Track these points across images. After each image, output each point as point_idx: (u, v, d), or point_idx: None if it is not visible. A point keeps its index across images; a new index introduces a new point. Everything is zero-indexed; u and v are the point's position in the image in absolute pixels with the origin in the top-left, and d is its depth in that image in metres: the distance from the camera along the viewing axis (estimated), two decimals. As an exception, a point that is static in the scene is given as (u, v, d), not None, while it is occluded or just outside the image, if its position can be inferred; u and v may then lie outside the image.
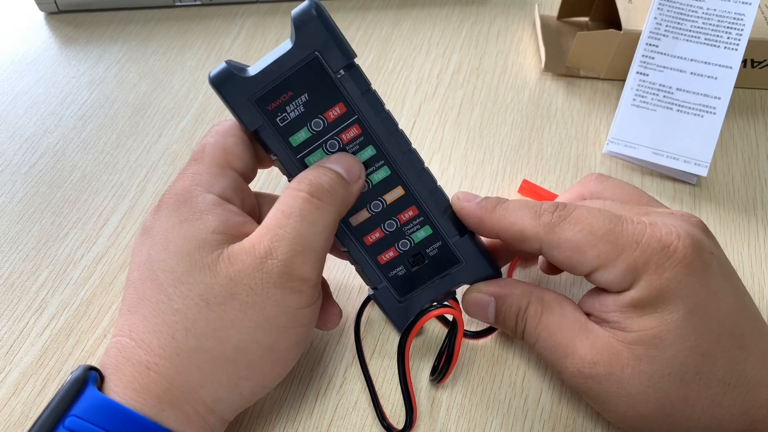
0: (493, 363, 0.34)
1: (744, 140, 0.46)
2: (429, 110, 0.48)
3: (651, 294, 0.26)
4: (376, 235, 0.31)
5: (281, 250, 0.27)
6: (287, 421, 0.32)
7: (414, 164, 0.30)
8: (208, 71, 0.51)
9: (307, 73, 0.28)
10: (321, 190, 0.28)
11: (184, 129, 0.47)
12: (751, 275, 0.39)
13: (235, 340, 0.27)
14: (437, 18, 0.56)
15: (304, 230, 0.27)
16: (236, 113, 0.29)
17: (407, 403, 0.32)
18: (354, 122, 0.29)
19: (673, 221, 0.28)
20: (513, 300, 0.30)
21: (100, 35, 0.54)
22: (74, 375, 0.26)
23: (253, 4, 0.56)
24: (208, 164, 0.29)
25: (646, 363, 0.27)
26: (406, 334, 0.31)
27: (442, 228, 0.31)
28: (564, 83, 0.50)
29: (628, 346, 0.27)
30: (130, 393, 0.26)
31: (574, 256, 0.28)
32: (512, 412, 0.33)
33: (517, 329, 0.31)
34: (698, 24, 0.44)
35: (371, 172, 0.30)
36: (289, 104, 0.29)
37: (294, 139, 0.29)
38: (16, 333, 0.35)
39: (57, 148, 0.45)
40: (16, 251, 0.39)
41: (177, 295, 0.27)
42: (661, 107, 0.44)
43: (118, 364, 0.27)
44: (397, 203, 0.31)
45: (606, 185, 0.33)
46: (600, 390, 0.28)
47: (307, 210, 0.27)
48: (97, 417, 0.25)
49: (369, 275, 0.32)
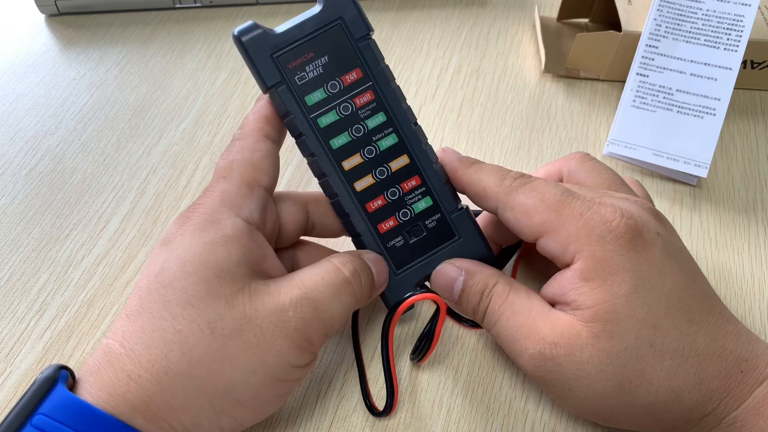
0: (494, 364, 0.34)
1: (744, 141, 0.46)
2: (429, 112, 0.48)
3: (596, 264, 0.28)
4: (378, 202, 0.32)
5: (307, 310, 0.28)
6: (288, 423, 0.32)
7: (420, 136, 0.32)
8: (208, 73, 0.51)
9: (330, 36, 0.30)
10: (359, 281, 0.30)
11: (185, 131, 0.47)
12: (751, 276, 0.39)
13: (228, 376, 0.27)
14: (437, 19, 0.56)
15: (333, 304, 0.29)
16: (255, 67, 0.30)
17: (389, 384, 0.32)
18: (368, 88, 0.31)
19: (622, 203, 0.29)
20: (481, 276, 0.31)
21: (100, 37, 0.54)
22: (44, 373, 0.26)
23: (254, 6, 0.56)
24: (237, 183, 0.30)
25: (604, 340, 0.27)
26: (391, 314, 0.31)
27: (442, 199, 0.32)
28: (564, 84, 0.50)
29: (587, 325, 0.27)
30: (104, 396, 0.26)
31: (523, 219, 0.30)
32: (513, 413, 0.33)
33: (480, 306, 0.31)
34: (698, 25, 0.44)
35: (380, 138, 0.31)
36: (309, 64, 0.30)
37: (310, 98, 0.31)
38: (17, 335, 0.35)
39: (57, 150, 0.45)
40: (17, 253, 0.39)
41: (183, 317, 0.26)
42: (661, 108, 0.44)
43: (100, 367, 0.26)
44: (402, 171, 0.32)
45: (583, 167, 0.34)
46: (560, 373, 0.28)
47: (343, 290, 0.29)
48: (65, 416, 0.25)
49: (367, 244, 0.32)
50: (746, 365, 0.28)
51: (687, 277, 0.29)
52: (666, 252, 0.28)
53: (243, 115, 0.48)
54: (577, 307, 0.28)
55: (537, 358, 0.28)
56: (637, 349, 0.27)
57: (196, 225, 0.28)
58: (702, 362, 0.27)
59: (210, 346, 0.26)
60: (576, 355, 0.27)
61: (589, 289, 0.28)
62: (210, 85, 0.50)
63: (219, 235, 0.28)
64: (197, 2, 0.56)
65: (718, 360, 0.28)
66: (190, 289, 0.27)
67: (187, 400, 0.26)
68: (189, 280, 0.27)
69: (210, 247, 0.28)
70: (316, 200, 0.34)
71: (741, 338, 0.28)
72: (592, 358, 0.27)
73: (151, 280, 0.28)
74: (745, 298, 0.37)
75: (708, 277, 0.38)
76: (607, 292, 0.27)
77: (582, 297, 0.28)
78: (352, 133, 0.31)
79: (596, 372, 0.27)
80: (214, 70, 0.51)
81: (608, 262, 0.28)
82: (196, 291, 0.27)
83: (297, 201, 0.33)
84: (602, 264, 0.28)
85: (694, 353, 0.27)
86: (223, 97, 0.49)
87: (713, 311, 0.29)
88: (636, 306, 0.27)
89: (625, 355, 0.27)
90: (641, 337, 0.27)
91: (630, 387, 0.27)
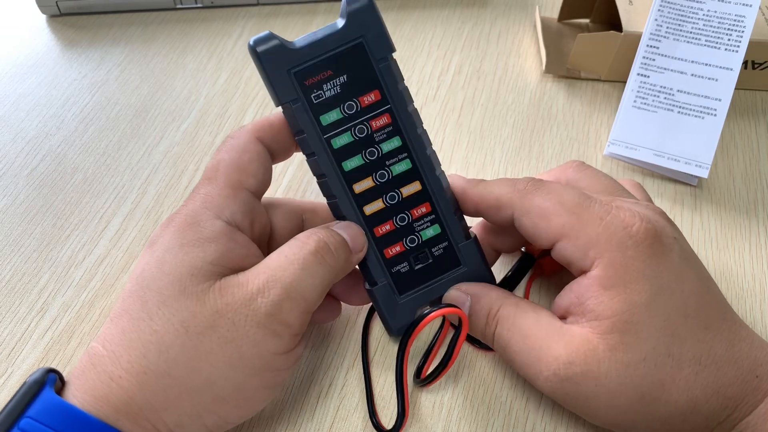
0: (494, 364, 0.34)
1: (745, 142, 0.46)
2: (430, 112, 0.48)
3: (617, 271, 0.27)
4: (386, 227, 0.31)
5: (274, 292, 0.27)
6: (288, 423, 0.32)
7: (434, 162, 0.31)
8: (209, 74, 0.51)
9: (350, 56, 0.29)
10: (326, 249, 0.29)
11: (186, 131, 0.47)
12: (752, 276, 0.39)
13: (205, 373, 0.27)
14: (438, 20, 0.56)
15: (302, 279, 0.28)
16: (270, 82, 0.29)
17: (400, 404, 0.31)
18: (386, 111, 0.30)
19: (637, 208, 0.29)
20: (486, 301, 0.31)
21: (101, 38, 0.54)
22: (33, 377, 0.26)
23: (254, 7, 0.56)
24: (220, 185, 0.29)
25: (621, 351, 0.27)
26: (408, 334, 0.31)
27: (451, 228, 0.32)
28: (565, 85, 0.50)
29: (603, 337, 0.27)
30: (88, 399, 0.26)
31: (541, 223, 0.29)
32: (514, 413, 0.33)
33: (487, 330, 0.30)
34: (699, 26, 0.44)
35: (393, 163, 0.31)
36: (327, 83, 0.29)
37: (325, 118, 0.30)
38: (18, 335, 0.35)
39: (59, 150, 0.45)
40: (18, 253, 0.39)
41: (159, 316, 0.27)
42: (662, 109, 0.44)
43: (84, 370, 0.27)
44: (413, 198, 0.31)
45: (583, 175, 0.34)
46: (578, 392, 0.27)
47: (310, 262, 0.28)
48: (51, 419, 0.25)
49: (372, 269, 0.32)
50: (761, 370, 0.27)
51: (703, 284, 0.28)
52: (684, 257, 0.28)
53: (244, 116, 0.48)
54: (595, 317, 0.27)
55: (552, 381, 0.28)
56: (656, 359, 0.27)
57: (177, 227, 0.28)
58: (720, 369, 0.27)
59: (185, 345, 0.26)
60: (593, 371, 0.27)
61: (608, 298, 0.27)
62: (211, 86, 0.50)
63: (196, 237, 0.28)
64: (198, 3, 0.56)
65: (735, 366, 0.27)
66: (165, 290, 0.27)
67: (167, 400, 0.26)
68: (164, 280, 0.27)
69: (186, 248, 0.28)
70: (313, 210, 0.34)
71: (754, 342, 0.28)
72: (610, 371, 0.27)
73: (133, 282, 0.28)
74: (746, 299, 0.37)
75: (709, 277, 0.38)
76: (626, 301, 0.27)
77: (601, 306, 0.27)
78: (365, 156, 0.31)
79: (615, 386, 0.27)
80: (216, 71, 0.51)
81: (628, 269, 0.27)
82: (170, 291, 0.27)
83: (292, 209, 0.33)
84: (622, 271, 0.27)
85: (712, 361, 0.27)
86: (225, 98, 0.49)
87: (726, 317, 0.28)
88: (654, 315, 0.27)
89: (644, 366, 0.27)
90: (659, 345, 0.27)
91: (650, 398, 0.27)
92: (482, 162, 0.45)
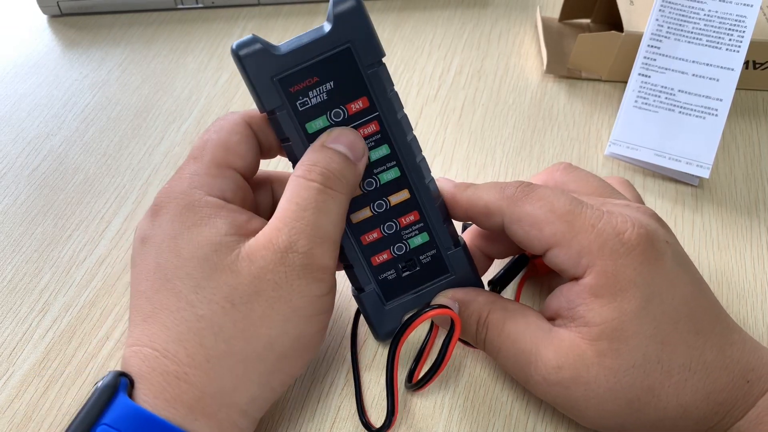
0: (495, 365, 0.34)
1: (746, 142, 0.46)
2: (431, 112, 0.48)
3: (608, 280, 0.27)
4: (374, 235, 0.31)
5: (301, 243, 0.27)
6: (289, 423, 0.32)
7: (423, 171, 0.31)
8: (210, 74, 0.51)
9: (337, 62, 0.28)
10: (333, 179, 0.28)
11: (187, 131, 0.47)
12: (753, 277, 0.38)
13: (264, 337, 0.27)
14: (439, 20, 0.56)
15: (321, 221, 0.27)
16: (255, 89, 0.28)
17: (390, 404, 0.31)
18: (374, 119, 0.29)
19: (629, 212, 0.29)
20: (475, 306, 0.31)
21: (102, 38, 0.54)
22: (105, 381, 0.25)
23: (255, 7, 0.56)
24: (207, 164, 0.29)
25: (610, 358, 0.27)
26: (398, 338, 0.31)
27: (440, 237, 0.31)
28: (566, 85, 0.50)
29: (592, 343, 0.27)
30: (160, 403, 0.25)
31: (533, 231, 0.28)
32: (515, 414, 0.33)
33: (477, 337, 0.30)
34: (700, 26, 0.44)
35: (381, 171, 0.30)
36: (313, 89, 0.28)
37: (311, 125, 0.29)
38: (19, 335, 0.35)
39: (60, 150, 0.45)
40: (19, 253, 0.39)
41: (199, 300, 0.26)
42: (663, 109, 0.44)
43: (144, 374, 0.26)
44: (401, 206, 0.31)
45: (571, 177, 0.33)
46: (568, 396, 0.27)
47: (322, 201, 0.27)
48: (129, 426, 0.24)
49: (359, 275, 0.31)
50: (752, 375, 0.27)
51: (696, 288, 0.28)
52: (676, 262, 0.28)
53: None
54: (584, 323, 0.27)
55: (543, 384, 0.28)
56: (645, 366, 0.27)
57: (172, 213, 0.28)
58: (710, 375, 0.27)
59: (236, 318, 0.26)
60: (582, 376, 0.27)
61: (598, 306, 0.27)
62: (212, 86, 0.50)
63: (198, 216, 0.28)
64: (199, 3, 0.56)
65: (726, 372, 0.27)
66: (195, 273, 0.27)
67: (236, 379, 0.26)
68: (190, 265, 0.27)
69: (195, 229, 0.27)
70: (279, 179, 0.33)
71: (746, 347, 0.28)
72: (598, 377, 0.27)
73: (151, 279, 0.27)
74: (747, 300, 0.37)
75: (709, 278, 0.38)
76: (616, 309, 0.27)
77: (590, 314, 0.27)
78: None
79: (604, 391, 0.27)
80: (216, 71, 0.51)
81: (620, 277, 0.27)
82: (201, 272, 0.27)
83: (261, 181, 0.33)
84: (614, 280, 0.27)
85: (702, 366, 0.27)
86: (225, 98, 0.49)
87: (719, 321, 0.28)
88: (644, 323, 0.27)
89: (633, 373, 0.27)
90: (649, 353, 0.27)
91: (639, 404, 0.27)
92: (483, 162, 0.45)
